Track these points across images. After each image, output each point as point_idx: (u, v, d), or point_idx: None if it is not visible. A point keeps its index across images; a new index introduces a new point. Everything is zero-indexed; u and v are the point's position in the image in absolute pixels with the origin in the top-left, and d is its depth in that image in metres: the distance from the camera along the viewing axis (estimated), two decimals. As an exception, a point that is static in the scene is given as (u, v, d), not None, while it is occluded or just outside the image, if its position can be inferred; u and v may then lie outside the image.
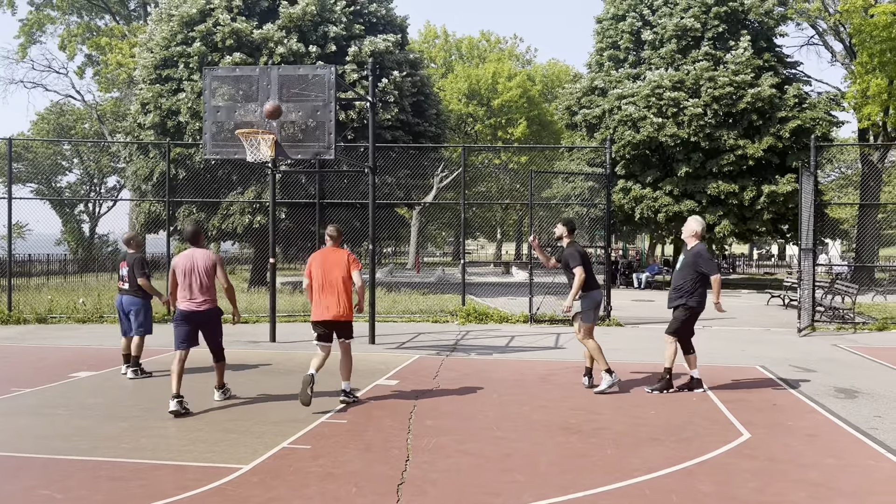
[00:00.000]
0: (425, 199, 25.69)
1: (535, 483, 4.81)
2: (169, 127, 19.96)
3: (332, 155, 9.79)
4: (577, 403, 7.22)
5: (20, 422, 6.39)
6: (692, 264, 7.59)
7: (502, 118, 43.20)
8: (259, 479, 4.86)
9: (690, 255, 7.66)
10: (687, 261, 7.68)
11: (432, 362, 9.64)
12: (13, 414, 6.66)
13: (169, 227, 15.78)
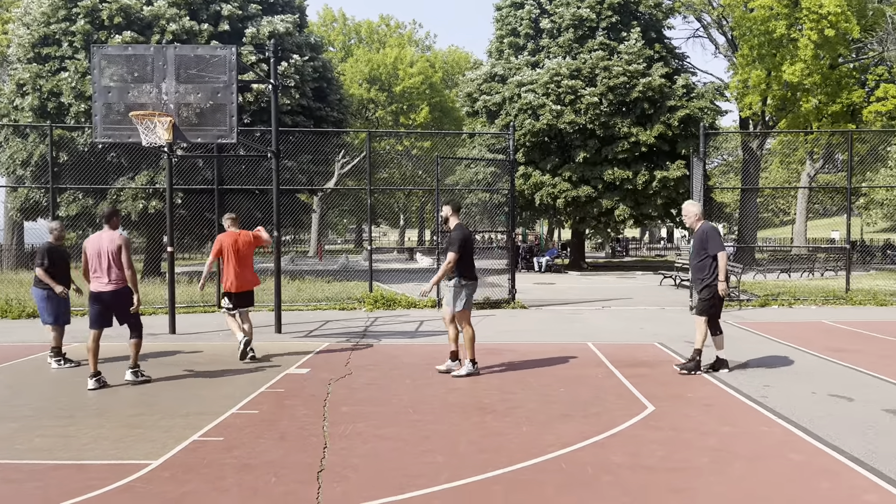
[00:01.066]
0: (327, 184, 25.32)
1: (454, 463, 4.86)
2: (50, 109, 18.70)
3: (234, 139, 9.47)
4: (490, 384, 7.34)
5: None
6: (700, 244, 7.73)
7: (404, 104, 43.08)
8: (171, 474, 4.67)
9: (697, 236, 7.82)
10: (696, 242, 7.82)
11: (343, 349, 9.55)
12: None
13: (54, 215, 14.81)
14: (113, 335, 8.92)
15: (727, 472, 4.64)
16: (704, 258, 7.67)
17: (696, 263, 7.78)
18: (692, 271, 7.98)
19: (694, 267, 7.86)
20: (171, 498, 4.26)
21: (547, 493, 4.30)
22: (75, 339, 9.84)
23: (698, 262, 7.75)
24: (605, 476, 4.57)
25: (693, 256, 7.89)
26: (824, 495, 4.25)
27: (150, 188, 18.54)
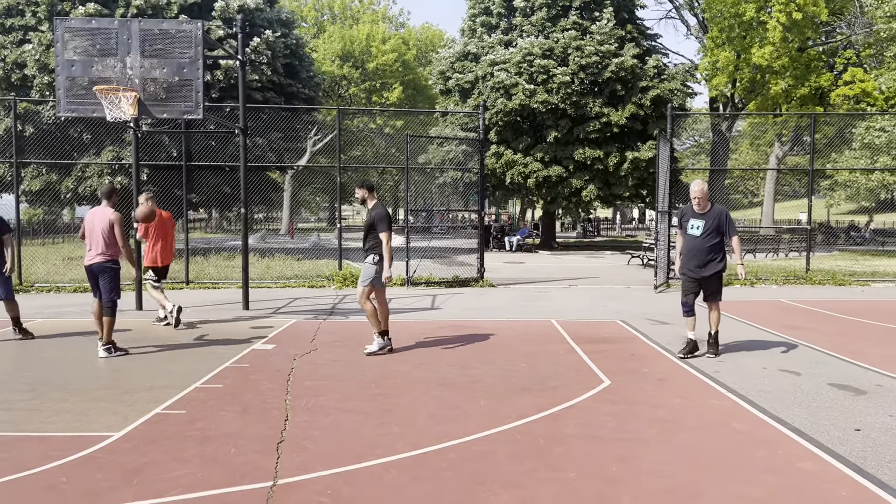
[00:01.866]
0: (298, 162, 25.19)
1: (411, 434, 5.00)
2: (14, 80, 18.35)
3: (200, 114, 9.43)
4: (452, 360, 7.49)
5: None
6: (716, 227, 7.43)
7: (377, 81, 42.79)
8: (132, 446, 4.75)
9: (712, 218, 7.46)
10: (709, 224, 7.44)
11: (309, 326, 9.63)
12: None
13: (18, 189, 14.61)
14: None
15: (672, 442, 4.84)
16: (719, 241, 7.45)
17: (708, 245, 7.43)
18: (697, 254, 7.47)
19: (703, 249, 7.44)
20: (133, 468, 4.35)
21: (499, 462, 4.46)
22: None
23: (712, 244, 7.43)
24: (556, 447, 4.74)
25: (704, 238, 7.45)
26: (762, 462, 4.46)
27: (115, 164, 18.32)
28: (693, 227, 7.57)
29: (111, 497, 3.92)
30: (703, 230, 7.48)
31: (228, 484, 4.11)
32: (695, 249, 7.52)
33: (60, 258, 19.49)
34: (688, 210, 7.71)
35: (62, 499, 3.89)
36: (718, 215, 7.48)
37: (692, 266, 7.54)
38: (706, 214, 7.54)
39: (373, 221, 7.73)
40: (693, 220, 7.59)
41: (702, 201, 7.56)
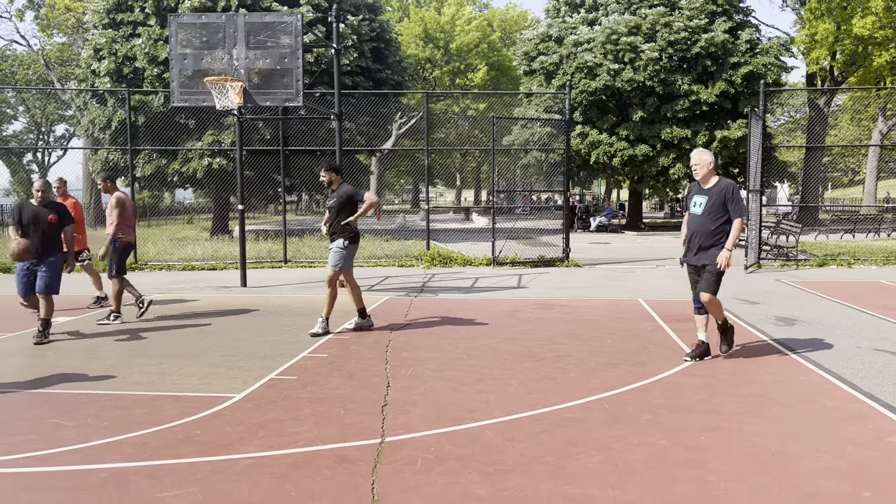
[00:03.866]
0: (385, 145, 25.80)
1: (505, 401, 5.31)
2: (126, 73, 19.62)
3: (300, 101, 9.97)
4: (541, 335, 7.75)
5: (12, 362, 6.65)
6: (720, 204, 6.27)
7: (461, 63, 43.02)
8: (253, 405, 5.26)
9: (717, 193, 6.30)
10: (712, 201, 6.30)
11: (402, 302, 10.08)
12: (3, 355, 6.91)
13: (133, 175, 15.72)
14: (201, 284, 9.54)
15: (761, 415, 4.97)
16: (725, 222, 6.28)
17: (712, 228, 6.28)
18: (700, 236, 6.36)
19: (706, 232, 6.31)
20: (256, 424, 4.85)
21: (590, 428, 4.72)
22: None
23: (716, 226, 6.28)
24: (644, 415, 4.96)
25: (705, 218, 6.32)
26: (851, 436, 4.54)
27: (215, 148, 19.36)
28: (695, 205, 6.46)
29: (241, 447, 4.41)
30: (705, 207, 6.36)
31: (341, 440, 4.54)
32: (696, 231, 6.40)
33: (167, 238, 20.80)
34: (693, 186, 6.64)
35: (200, 448, 4.41)
36: (723, 191, 6.29)
37: (693, 250, 6.46)
38: (710, 190, 6.39)
39: (345, 199, 7.75)
40: (696, 197, 6.49)
41: (701, 172, 6.43)
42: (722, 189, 6.31)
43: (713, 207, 6.30)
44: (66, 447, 4.40)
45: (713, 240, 6.29)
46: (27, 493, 3.77)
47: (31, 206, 7.50)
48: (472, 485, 3.82)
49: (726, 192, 6.27)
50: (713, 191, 6.35)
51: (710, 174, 6.42)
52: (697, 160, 6.43)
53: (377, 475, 3.95)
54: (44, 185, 7.61)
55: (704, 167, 6.41)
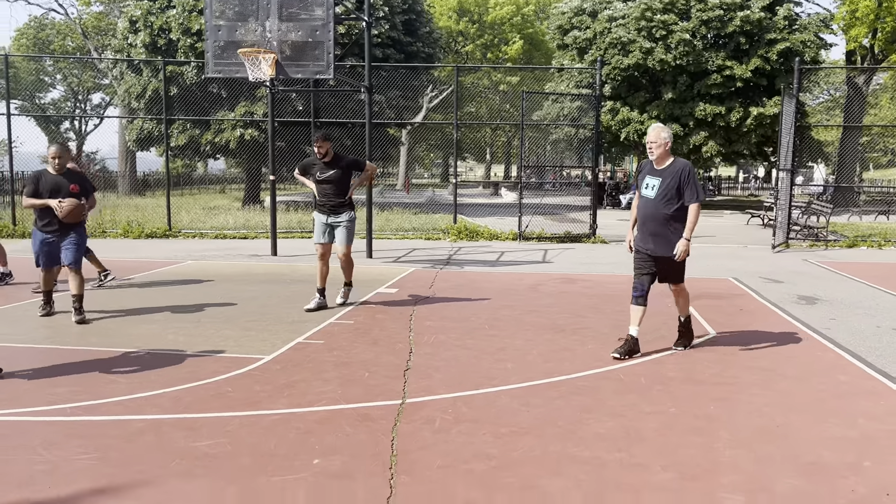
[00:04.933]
0: (415, 119, 25.90)
1: (523, 369, 5.50)
2: (160, 44, 19.92)
3: (330, 74, 10.13)
4: (564, 308, 7.90)
5: (57, 321, 6.99)
6: (675, 187, 5.67)
7: (495, 36, 42.71)
8: (281, 367, 5.52)
9: (673, 174, 5.69)
10: (665, 184, 5.70)
11: (427, 274, 10.28)
12: (46, 317, 7.25)
13: (167, 144, 16.08)
14: (224, 252, 9.83)
15: (772, 388, 5.09)
16: (680, 207, 5.69)
17: (666, 213, 5.68)
18: (650, 222, 5.78)
19: (659, 217, 5.71)
20: (284, 384, 5.09)
21: (604, 396, 4.88)
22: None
23: (670, 211, 5.68)
24: (657, 386, 5.11)
25: (658, 203, 5.71)
26: (862, 410, 4.65)
27: (247, 119, 19.64)
28: (647, 187, 5.82)
29: (269, 404, 4.66)
30: (658, 191, 5.74)
31: (365, 400, 4.76)
32: (648, 216, 5.80)
33: (200, 207, 21.23)
34: (645, 164, 5.97)
35: (231, 403, 4.67)
36: (678, 173, 5.68)
37: (644, 237, 5.88)
38: (664, 171, 5.76)
39: (349, 169, 7.62)
40: (648, 178, 5.84)
41: (657, 151, 5.77)
42: (677, 171, 5.70)
43: (667, 191, 5.69)
44: (109, 399, 4.69)
45: (668, 227, 5.71)
46: (75, 438, 4.06)
47: (50, 175, 6.86)
48: (486, 444, 4.01)
49: (682, 175, 5.67)
50: (667, 172, 5.73)
51: (665, 154, 5.79)
52: (654, 137, 5.77)
53: (397, 433, 4.16)
54: (60, 150, 6.90)
55: (661, 146, 5.75)
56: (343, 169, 7.58)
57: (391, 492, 3.40)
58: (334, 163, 7.57)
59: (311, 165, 7.70)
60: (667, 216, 5.70)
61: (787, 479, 3.62)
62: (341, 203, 7.57)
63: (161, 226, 15.34)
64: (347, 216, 7.60)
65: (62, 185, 6.86)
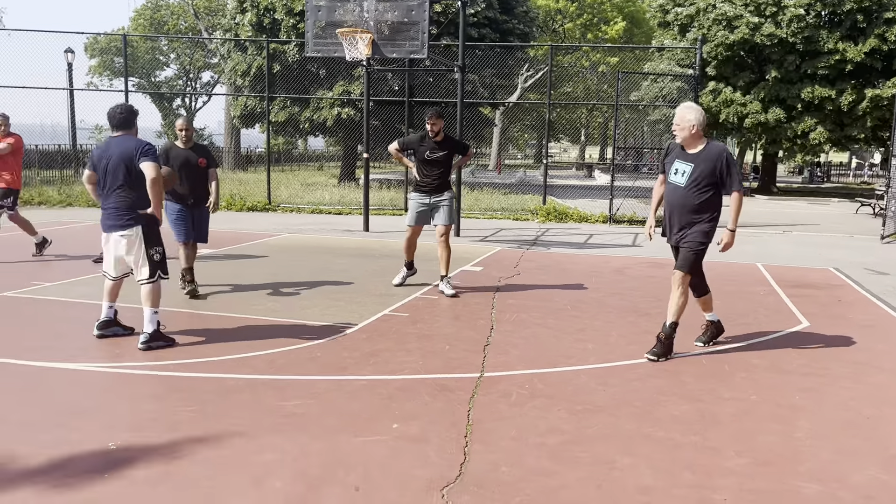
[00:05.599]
0: (509, 99, 25.78)
1: (603, 350, 5.52)
2: (265, 24, 20.65)
3: (425, 54, 10.29)
4: (649, 292, 7.81)
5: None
6: (709, 174, 5.16)
7: (594, 15, 41.82)
8: (367, 336, 5.75)
9: (708, 160, 5.17)
10: (700, 170, 5.16)
11: (513, 254, 10.35)
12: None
13: (269, 120, 16.77)
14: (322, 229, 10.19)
15: (863, 381, 4.91)
16: (711, 194, 5.21)
17: (696, 203, 5.20)
18: (678, 212, 5.29)
19: (689, 207, 5.22)
20: (369, 352, 5.32)
21: (683, 380, 4.86)
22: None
23: (700, 201, 5.19)
24: (740, 373, 5.02)
25: (689, 191, 5.20)
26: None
27: (344, 98, 20.13)
28: (676, 173, 5.31)
29: (355, 370, 4.90)
30: (688, 178, 5.22)
31: (444, 371, 4.92)
32: (675, 205, 5.31)
33: (298, 183, 22.01)
34: (673, 147, 5.44)
35: (319, 368, 4.93)
36: (715, 158, 5.17)
37: (669, 227, 5.43)
38: (697, 156, 5.23)
39: (455, 150, 7.50)
40: (678, 163, 5.31)
41: (682, 135, 5.24)
42: (713, 157, 5.17)
43: (700, 178, 5.16)
44: (208, 358, 5.05)
45: (697, 217, 5.23)
46: (176, 392, 4.41)
47: (179, 148, 6.82)
48: (560, 420, 4.09)
49: (718, 162, 5.14)
50: (701, 157, 5.20)
51: (695, 137, 5.23)
52: (679, 119, 5.23)
53: (473, 404, 4.30)
54: (187, 122, 6.95)
55: (686, 129, 5.20)
56: (451, 150, 7.47)
57: (465, 458, 3.54)
58: (445, 143, 7.40)
59: (418, 144, 7.42)
60: (696, 205, 5.21)
61: (867, 469, 3.53)
62: (444, 183, 7.46)
63: (261, 200, 16.04)
64: (449, 195, 7.49)
65: (191, 159, 6.82)
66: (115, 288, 5.42)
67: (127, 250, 5.18)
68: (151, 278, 5.25)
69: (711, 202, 5.23)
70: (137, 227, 5.15)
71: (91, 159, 5.29)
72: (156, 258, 5.25)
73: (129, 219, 5.14)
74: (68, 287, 7.28)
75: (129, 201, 5.14)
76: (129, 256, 5.21)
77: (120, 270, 5.35)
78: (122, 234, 5.16)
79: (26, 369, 4.72)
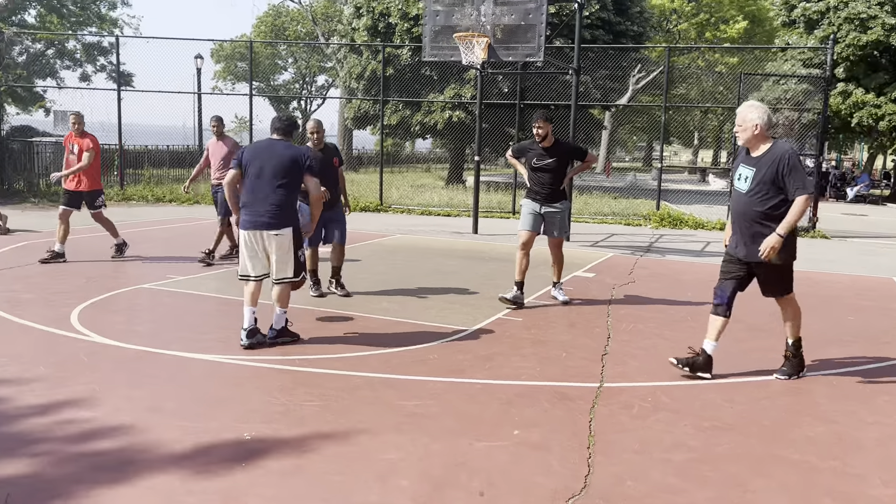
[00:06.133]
0: (620, 100, 25.24)
1: (727, 365, 5.28)
2: (380, 28, 21.15)
3: (541, 57, 10.23)
4: (773, 306, 7.39)
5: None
6: (770, 178, 4.62)
7: (711, 14, 40.29)
8: (481, 340, 5.78)
9: (770, 163, 4.63)
10: (765, 174, 4.64)
11: (626, 260, 10.12)
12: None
13: (382, 123, 17.18)
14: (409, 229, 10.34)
15: None
16: (776, 202, 4.64)
17: (760, 211, 4.66)
18: (741, 220, 4.80)
19: (751, 216, 4.71)
20: (484, 355, 5.34)
21: (815, 400, 4.60)
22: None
23: (764, 208, 4.65)
24: (882, 396, 4.70)
25: (751, 198, 4.70)
26: None
27: (455, 101, 20.31)
28: (740, 178, 4.82)
29: (471, 373, 4.93)
30: (751, 183, 4.71)
31: (562, 379, 4.87)
32: (738, 213, 4.84)
33: (407, 184, 22.41)
34: (741, 151, 4.94)
35: (435, 369, 4.99)
36: (776, 160, 4.61)
37: (734, 238, 4.93)
38: (760, 159, 4.71)
39: (569, 156, 7.06)
40: (742, 168, 4.82)
41: (744, 136, 4.74)
42: (775, 159, 4.62)
43: (761, 183, 4.65)
44: (328, 355, 5.22)
45: (763, 228, 4.66)
46: (302, 386, 4.58)
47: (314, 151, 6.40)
48: (686, 436, 3.96)
49: (780, 164, 4.58)
50: (763, 161, 4.67)
51: (759, 138, 4.70)
52: (741, 118, 4.74)
53: (594, 414, 4.23)
54: (317, 125, 6.91)
55: (748, 130, 4.70)
56: (562, 157, 6.95)
57: (589, 470, 3.49)
58: (554, 149, 6.92)
59: (527, 150, 7.10)
60: (760, 214, 4.67)
61: None
62: (556, 191, 6.96)
63: (374, 200, 16.43)
64: (562, 204, 7.00)
65: (326, 160, 6.68)
66: (257, 291, 5.42)
67: (277, 249, 5.28)
68: (296, 277, 5.40)
69: (778, 211, 4.64)
70: (289, 228, 5.30)
71: (238, 159, 5.42)
72: (301, 259, 5.45)
73: (284, 219, 5.28)
74: (199, 281, 7.72)
75: (287, 202, 5.29)
76: (276, 255, 5.30)
77: (259, 270, 5.38)
78: (276, 234, 5.26)
79: (170, 359, 5.04)
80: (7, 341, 5.34)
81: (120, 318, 6.15)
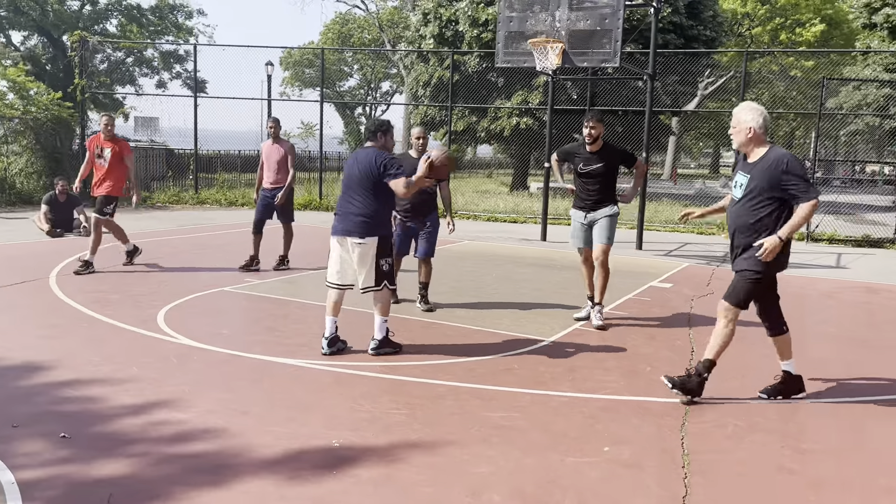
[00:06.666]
0: (687, 106, 24.69)
1: (823, 383, 5.06)
2: (447, 36, 21.22)
3: (616, 62, 10.07)
4: (864, 321, 7.12)
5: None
6: (766, 183, 4.30)
7: (786, 18, 39.07)
8: (561, 351, 5.68)
9: (764, 170, 4.33)
10: (759, 182, 4.33)
11: (702, 271, 9.85)
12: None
13: (450, 129, 17.21)
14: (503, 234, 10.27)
15: None
16: (769, 211, 4.32)
17: (751, 221, 4.36)
18: (738, 233, 4.49)
19: (743, 226, 4.43)
20: (566, 367, 5.25)
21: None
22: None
23: (756, 218, 4.35)
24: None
25: (743, 207, 4.42)
26: None
27: (523, 107, 20.20)
28: (736, 186, 4.54)
29: (554, 385, 4.84)
30: (744, 191, 4.43)
31: (647, 394, 4.74)
32: (731, 224, 4.58)
33: (472, 190, 22.38)
34: (740, 157, 4.66)
35: (518, 380, 4.92)
36: (770, 167, 4.30)
37: (733, 256, 4.63)
38: (754, 165, 4.40)
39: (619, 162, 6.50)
40: (738, 175, 4.53)
41: (738, 139, 4.47)
42: (769, 164, 4.29)
43: (755, 191, 4.33)
44: (410, 363, 5.20)
45: (753, 238, 4.35)
46: (386, 394, 4.57)
47: (411, 157, 6.45)
48: (785, 458, 3.79)
49: (776, 171, 4.25)
50: (757, 167, 4.35)
51: (753, 142, 4.40)
52: (735, 120, 4.45)
53: (685, 432, 4.09)
54: (423, 131, 6.76)
55: (742, 132, 4.41)
56: (610, 162, 6.42)
57: (686, 491, 3.36)
58: (602, 154, 6.39)
59: (572, 154, 6.59)
60: (751, 224, 4.37)
61: None
62: (603, 200, 6.44)
63: (439, 206, 16.42)
64: (609, 209, 6.42)
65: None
66: (339, 301, 5.41)
67: (359, 257, 5.26)
68: (377, 286, 5.31)
69: (771, 221, 4.32)
70: (374, 237, 5.25)
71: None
72: (384, 268, 5.32)
73: (368, 228, 5.24)
74: (274, 285, 7.84)
75: (370, 211, 5.24)
76: (358, 264, 5.28)
77: (344, 279, 5.36)
78: (358, 242, 5.24)
79: (255, 362, 5.11)
80: (100, 341, 5.51)
81: (204, 321, 6.28)
